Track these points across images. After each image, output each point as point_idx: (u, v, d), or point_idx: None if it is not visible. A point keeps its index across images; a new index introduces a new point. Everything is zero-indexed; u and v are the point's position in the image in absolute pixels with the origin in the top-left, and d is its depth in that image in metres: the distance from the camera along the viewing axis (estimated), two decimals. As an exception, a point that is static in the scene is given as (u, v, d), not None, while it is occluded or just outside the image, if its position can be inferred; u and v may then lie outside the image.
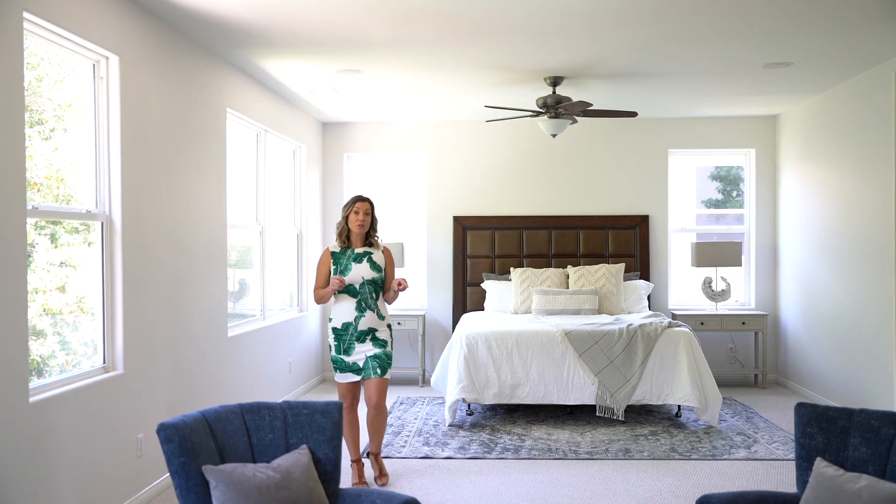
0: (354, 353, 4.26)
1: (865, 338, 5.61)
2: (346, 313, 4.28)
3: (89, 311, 3.77)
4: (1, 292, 2.92)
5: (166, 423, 2.47)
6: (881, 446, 2.52)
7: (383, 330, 4.33)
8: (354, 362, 4.27)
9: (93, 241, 3.76)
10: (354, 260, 4.31)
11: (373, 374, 4.24)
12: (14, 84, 3.00)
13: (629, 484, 4.39)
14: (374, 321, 4.29)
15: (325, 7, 4.03)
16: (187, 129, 4.60)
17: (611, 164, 7.62)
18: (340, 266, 4.29)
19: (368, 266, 4.31)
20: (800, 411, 2.72)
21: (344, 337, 4.28)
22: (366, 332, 4.27)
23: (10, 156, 2.97)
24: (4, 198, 2.94)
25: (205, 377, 4.81)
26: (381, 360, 4.27)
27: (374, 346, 4.27)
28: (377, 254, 4.37)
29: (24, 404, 3.05)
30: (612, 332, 5.72)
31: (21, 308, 3.04)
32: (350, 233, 4.34)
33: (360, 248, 4.36)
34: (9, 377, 2.95)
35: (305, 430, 2.73)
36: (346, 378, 4.31)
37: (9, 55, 2.97)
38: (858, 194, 5.72)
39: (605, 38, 4.68)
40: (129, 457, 3.89)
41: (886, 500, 2.31)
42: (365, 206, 4.35)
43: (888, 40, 4.75)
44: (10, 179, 2.97)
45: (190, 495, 2.43)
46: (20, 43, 3.03)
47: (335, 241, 4.39)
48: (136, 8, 3.95)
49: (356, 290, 4.28)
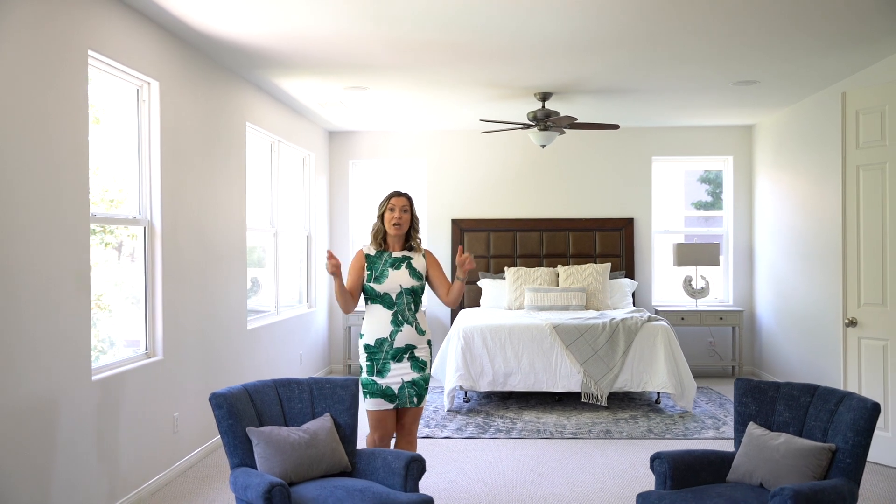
0: (389, 374, 3.58)
1: (825, 328, 6.17)
2: (379, 328, 3.62)
3: (107, 307, 4.25)
4: (71, 286, 3.47)
5: (217, 392, 3.02)
6: (800, 411, 3.08)
7: (423, 348, 3.66)
8: (388, 386, 3.57)
9: (109, 242, 4.28)
10: (392, 265, 3.66)
11: (408, 402, 3.59)
12: (81, 112, 3.55)
13: (608, 458, 4.94)
14: (413, 337, 3.63)
15: (337, 35, 4.57)
16: (213, 142, 5.15)
17: (598, 171, 8.18)
18: (375, 272, 3.64)
19: (408, 273, 3.65)
20: (738, 385, 3.28)
21: (377, 356, 3.59)
22: (403, 350, 3.60)
23: (77, 173, 3.52)
24: (73, 207, 3.49)
25: (229, 365, 5.36)
26: (420, 387, 3.62)
27: (412, 368, 3.60)
28: (418, 258, 3.71)
29: (88, 382, 3.61)
30: (596, 326, 6.28)
31: (85, 298, 3.59)
32: (387, 234, 3.72)
33: (399, 251, 3.72)
34: (77, 358, 3.51)
35: (328, 400, 3.29)
36: (378, 405, 3.58)
37: (78, 87, 3.52)
38: (819, 200, 6.28)
39: (587, 61, 5.23)
40: (166, 433, 4.44)
41: (798, 451, 2.88)
42: (402, 201, 3.70)
43: (837, 66, 5.34)
44: (77, 192, 3.52)
45: (237, 451, 2.98)
46: (86, 76, 3.58)
47: (369, 244, 3.76)
48: (173, 38, 4.50)
49: (392, 300, 3.62)
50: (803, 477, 2.83)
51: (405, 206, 3.70)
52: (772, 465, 2.92)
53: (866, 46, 4.84)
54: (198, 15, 4.14)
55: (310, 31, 4.46)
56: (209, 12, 4.10)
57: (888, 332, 4.65)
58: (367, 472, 3.15)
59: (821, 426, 2.99)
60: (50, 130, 3.31)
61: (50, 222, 3.32)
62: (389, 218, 3.68)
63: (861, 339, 4.79)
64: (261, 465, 2.96)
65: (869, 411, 2.80)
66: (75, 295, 3.51)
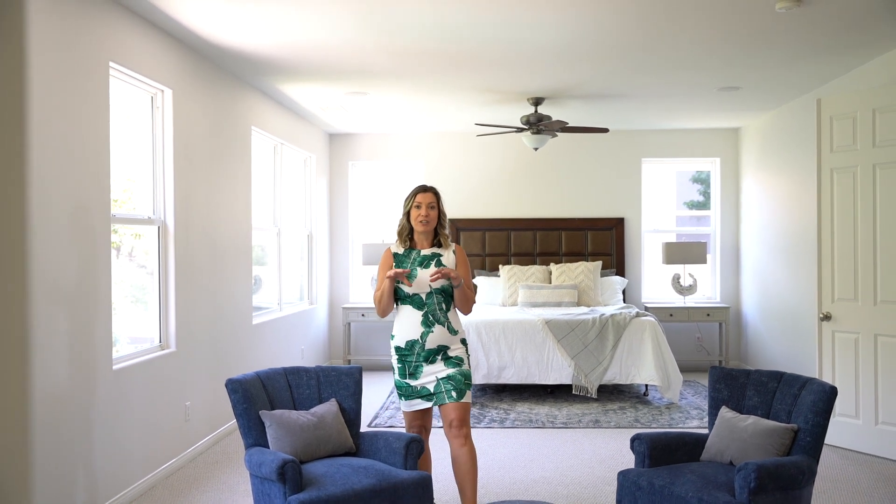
0: (422, 376, 3.48)
1: (805, 323, 6.45)
2: (410, 329, 3.50)
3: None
4: (94, 280, 3.73)
5: (232, 378, 3.29)
6: (767, 396, 3.36)
7: (457, 347, 3.53)
8: (423, 386, 3.48)
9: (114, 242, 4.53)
10: (420, 264, 3.54)
11: (447, 398, 3.43)
12: (103, 120, 3.81)
13: (596, 445, 5.22)
14: (445, 337, 3.50)
15: (340, 44, 4.83)
16: (221, 145, 5.41)
17: (589, 172, 8.46)
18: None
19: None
20: (712, 372, 3.56)
21: (409, 358, 3.50)
22: (435, 351, 3.48)
23: (99, 175, 3.79)
24: (98, 209, 3.76)
25: (236, 358, 5.62)
26: (457, 380, 3.45)
27: (447, 366, 3.47)
28: (447, 255, 3.59)
29: (109, 371, 3.87)
30: (586, 321, 6.55)
31: (106, 292, 3.85)
32: (413, 232, 3.62)
33: (428, 248, 3.60)
34: (99, 348, 3.77)
35: (334, 387, 3.56)
36: (413, 405, 3.52)
37: (101, 97, 3.78)
38: (799, 200, 6.57)
39: (578, 68, 5.50)
40: (179, 421, 4.70)
41: (764, 431, 3.15)
42: (428, 197, 3.59)
43: (812, 75, 5.64)
44: (101, 194, 3.78)
45: (251, 432, 3.25)
46: (107, 86, 3.85)
47: (396, 242, 3.67)
48: (185, 48, 4.76)
49: (422, 300, 3.49)
50: (768, 454, 3.10)
51: (432, 202, 3.58)
52: (740, 445, 3.20)
53: (837, 57, 5.13)
54: (209, 27, 4.41)
55: (314, 40, 4.72)
56: (220, 24, 4.36)
57: (859, 325, 4.94)
58: (370, 452, 3.42)
59: (786, 409, 3.27)
60: (75, 136, 3.58)
61: (77, 222, 3.58)
62: (416, 215, 3.56)
63: (835, 332, 5.08)
64: (273, 444, 3.23)
65: (827, 394, 3.08)
66: (99, 289, 3.77)
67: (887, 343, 4.79)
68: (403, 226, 3.62)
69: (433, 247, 3.61)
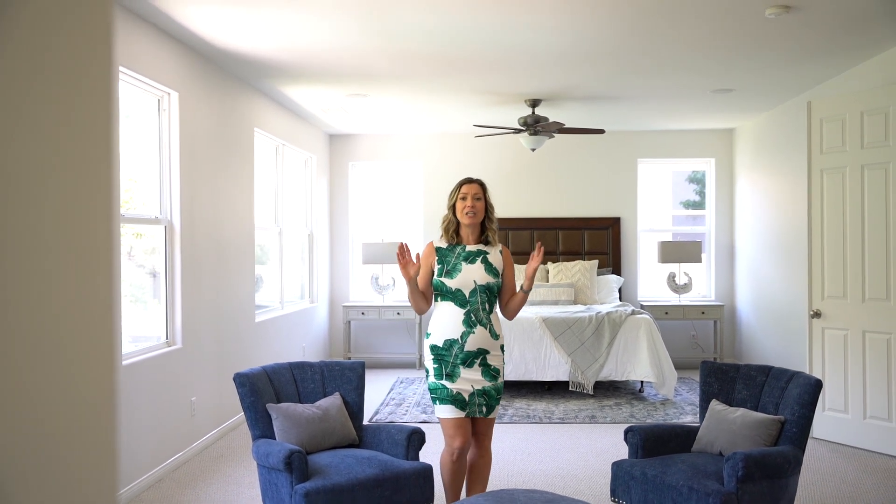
0: (459, 379, 3.25)
1: (797, 320, 6.58)
2: (450, 327, 3.28)
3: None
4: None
5: (240, 372, 3.41)
6: (756, 389, 3.48)
7: (496, 354, 3.32)
8: (459, 392, 3.25)
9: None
10: (465, 259, 3.33)
11: (478, 412, 3.29)
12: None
13: (592, 440, 5.35)
14: (487, 340, 3.28)
15: (342, 48, 4.95)
16: (225, 146, 5.53)
17: (586, 173, 8.59)
18: (447, 265, 3.34)
19: (483, 268, 3.32)
20: (703, 367, 3.69)
21: (447, 358, 3.26)
22: (475, 355, 3.26)
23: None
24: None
25: (240, 355, 5.74)
26: (491, 397, 3.29)
27: (483, 376, 3.27)
28: (494, 253, 3.38)
29: (119, 367, 3.98)
30: (582, 319, 6.68)
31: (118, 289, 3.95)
32: (459, 226, 3.41)
33: (474, 244, 3.40)
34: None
35: (337, 381, 3.68)
36: (451, 412, 3.26)
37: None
38: (792, 200, 6.70)
39: (573, 71, 5.62)
40: (184, 415, 4.82)
41: (752, 422, 3.28)
42: (474, 188, 3.40)
43: (804, 77, 5.77)
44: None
45: (258, 424, 3.37)
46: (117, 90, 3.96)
47: (440, 237, 3.47)
48: (191, 52, 4.88)
49: (465, 297, 3.28)
50: (756, 445, 3.23)
51: (478, 193, 3.38)
52: (729, 436, 3.32)
53: (827, 61, 5.25)
54: (214, 31, 4.53)
55: (317, 44, 4.84)
56: (225, 28, 4.48)
57: (848, 322, 5.06)
58: (372, 444, 3.54)
59: (773, 401, 3.40)
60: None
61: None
62: (462, 207, 3.36)
63: (825, 329, 5.21)
64: (279, 436, 3.35)
65: (812, 387, 3.21)
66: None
67: (875, 339, 4.91)
68: (450, 220, 3.42)
69: (480, 243, 3.40)
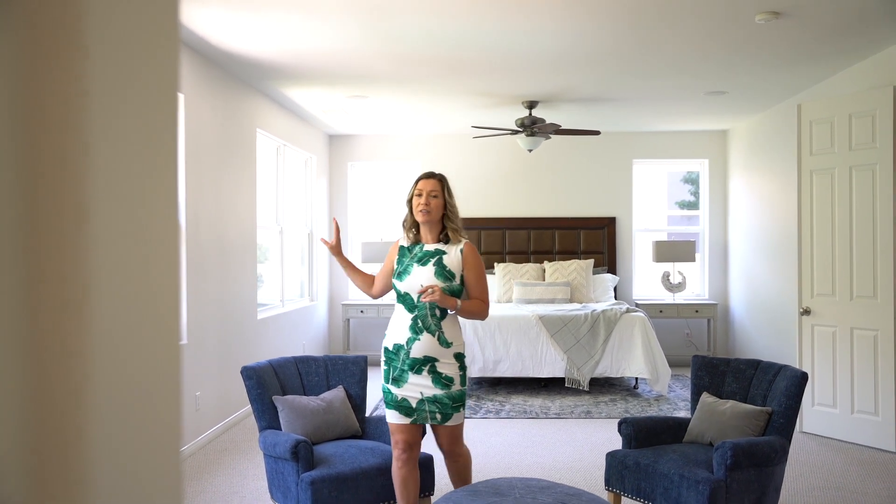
0: (406, 385, 3.08)
1: (788, 318, 6.72)
2: (398, 332, 3.13)
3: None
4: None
5: (247, 366, 3.53)
6: (745, 382, 3.61)
7: (447, 362, 3.08)
8: (404, 398, 3.08)
9: None
10: (419, 261, 3.14)
11: (430, 419, 3.09)
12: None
13: (587, 434, 5.48)
14: (434, 349, 3.07)
15: (343, 51, 5.07)
16: (228, 147, 5.64)
17: (582, 173, 8.72)
18: (401, 266, 3.17)
19: (434, 271, 3.10)
20: (694, 361, 3.81)
21: (395, 363, 3.13)
22: (421, 362, 3.07)
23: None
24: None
25: (242, 352, 5.86)
26: (443, 404, 3.06)
27: (434, 384, 3.05)
28: (452, 253, 3.14)
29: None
30: (578, 317, 6.81)
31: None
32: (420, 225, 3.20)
33: (432, 244, 3.19)
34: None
35: (341, 374, 3.80)
36: (395, 418, 3.12)
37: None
38: (783, 201, 6.84)
39: (570, 74, 5.75)
40: (189, 410, 4.93)
41: (741, 414, 3.41)
42: (430, 184, 3.19)
43: (795, 81, 5.90)
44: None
45: (265, 416, 3.49)
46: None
47: (405, 235, 3.26)
48: (196, 55, 4.99)
49: (413, 302, 3.09)
50: (744, 435, 3.35)
51: (434, 190, 3.17)
52: (719, 427, 3.45)
53: (816, 65, 5.39)
54: (219, 35, 4.64)
55: (319, 47, 4.96)
56: (229, 32, 4.60)
57: (837, 319, 5.20)
58: (375, 435, 3.66)
59: (761, 394, 3.52)
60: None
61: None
62: (416, 204, 3.16)
63: (814, 326, 5.34)
64: (285, 427, 3.47)
65: (798, 379, 3.34)
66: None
67: (862, 336, 5.05)
68: (406, 217, 3.24)
69: (438, 242, 3.18)
